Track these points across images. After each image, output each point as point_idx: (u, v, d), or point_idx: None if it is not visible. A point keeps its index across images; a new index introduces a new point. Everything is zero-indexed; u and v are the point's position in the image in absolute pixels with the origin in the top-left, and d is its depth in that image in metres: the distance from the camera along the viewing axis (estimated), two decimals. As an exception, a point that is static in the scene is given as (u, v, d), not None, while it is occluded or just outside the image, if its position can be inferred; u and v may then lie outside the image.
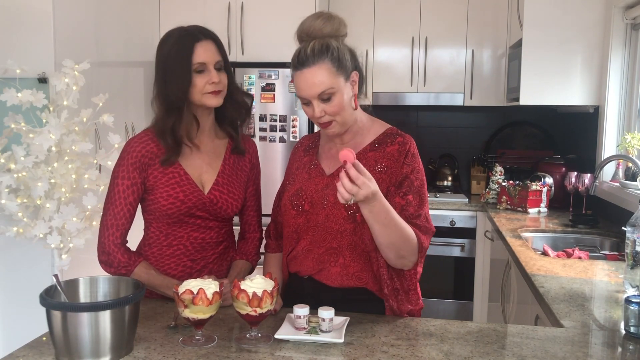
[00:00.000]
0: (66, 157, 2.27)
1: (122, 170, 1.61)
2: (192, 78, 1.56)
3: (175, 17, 3.45)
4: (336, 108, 1.47)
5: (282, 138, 3.43)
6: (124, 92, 3.04)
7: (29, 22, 2.37)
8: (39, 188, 2.21)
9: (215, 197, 1.65)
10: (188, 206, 1.62)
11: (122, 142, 1.67)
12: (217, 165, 1.69)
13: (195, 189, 1.63)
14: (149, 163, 1.61)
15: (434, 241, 3.53)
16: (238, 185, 1.71)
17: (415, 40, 3.77)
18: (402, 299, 1.54)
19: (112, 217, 1.60)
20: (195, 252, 1.68)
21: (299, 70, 1.48)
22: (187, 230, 1.66)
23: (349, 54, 1.52)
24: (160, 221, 1.65)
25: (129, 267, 1.59)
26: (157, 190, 1.61)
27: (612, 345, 1.40)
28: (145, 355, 1.26)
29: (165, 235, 1.66)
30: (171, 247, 1.66)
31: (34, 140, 2.20)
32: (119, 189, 1.60)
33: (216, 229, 1.70)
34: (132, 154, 1.60)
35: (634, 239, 1.73)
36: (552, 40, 3.15)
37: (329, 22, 1.51)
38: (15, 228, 2.27)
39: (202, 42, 1.57)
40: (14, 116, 2.25)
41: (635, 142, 2.71)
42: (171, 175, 1.62)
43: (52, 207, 2.24)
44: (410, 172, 1.51)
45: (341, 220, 1.51)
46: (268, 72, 3.39)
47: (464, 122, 4.15)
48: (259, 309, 1.30)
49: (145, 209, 1.68)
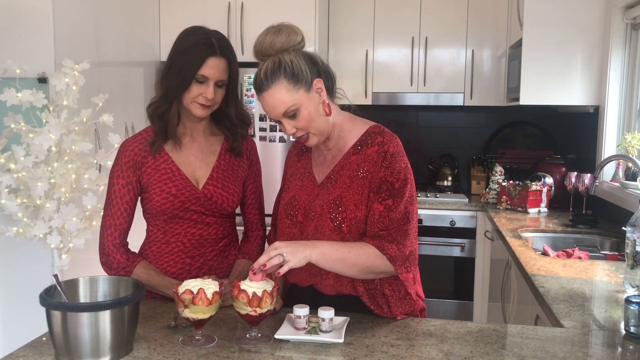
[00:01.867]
0: (66, 157, 2.27)
1: (117, 170, 1.63)
2: (191, 85, 1.57)
3: (175, 17, 3.45)
4: (304, 122, 1.45)
5: (281, 138, 3.43)
6: (124, 92, 3.03)
7: (29, 22, 2.37)
8: (39, 188, 2.21)
9: (209, 191, 1.65)
10: (181, 200, 1.62)
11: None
12: (211, 162, 1.69)
13: (187, 183, 1.64)
14: (142, 162, 1.63)
15: (434, 241, 3.53)
16: (234, 180, 1.71)
17: (415, 40, 3.77)
18: (396, 304, 1.52)
19: (110, 217, 1.62)
20: (193, 248, 1.68)
21: (259, 95, 1.46)
22: (184, 226, 1.66)
23: (306, 64, 1.45)
24: (157, 218, 1.66)
25: (127, 268, 1.60)
26: (151, 187, 1.62)
27: (612, 345, 1.40)
28: (145, 355, 1.26)
29: (163, 232, 1.67)
30: (169, 244, 1.67)
31: (34, 140, 2.20)
32: (114, 188, 1.62)
33: (215, 226, 1.70)
34: (125, 154, 1.63)
35: (634, 239, 1.73)
36: (552, 40, 3.15)
37: (277, 35, 1.45)
38: (15, 228, 2.27)
39: (215, 58, 1.57)
40: (14, 116, 2.25)
41: (635, 142, 2.71)
42: (163, 171, 1.63)
43: (52, 207, 2.24)
44: (389, 174, 1.46)
45: (328, 232, 1.48)
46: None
47: (464, 122, 4.15)
48: (259, 309, 1.30)
49: (143, 209, 1.69)
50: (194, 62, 1.56)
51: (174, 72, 1.57)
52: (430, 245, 3.55)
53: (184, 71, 1.56)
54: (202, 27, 1.64)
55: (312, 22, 3.41)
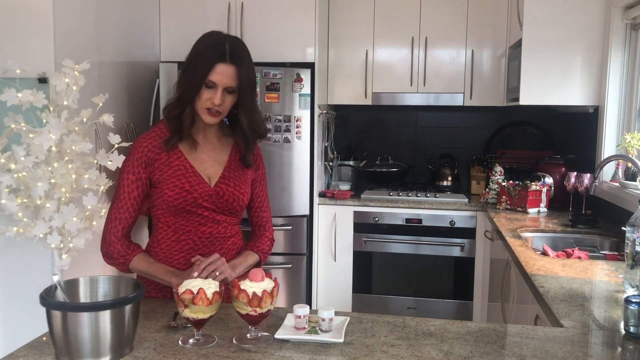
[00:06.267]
0: (66, 157, 2.27)
1: (128, 165, 1.66)
2: (201, 89, 1.60)
3: (175, 17, 3.45)
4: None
5: (286, 139, 3.42)
6: (124, 92, 3.04)
7: (29, 22, 2.37)
8: (39, 188, 2.21)
9: (221, 189, 1.69)
10: (194, 196, 1.65)
11: (122, 142, 1.69)
12: (223, 161, 1.73)
13: (201, 180, 1.67)
14: (155, 158, 1.66)
15: (434, 241, 3.54)
16: (244, 180, 1.75)
17: (415, 40, 3.77)
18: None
19: (116, 211, 1.66)
20: (203, 246, 1.70)
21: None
22: (195, 224, 1.68)
23: None
24: (167, 215, 1.68)
25: (127, 257, 1.63)
26: (163, 182, 1.65)
27: (612, 345, 1.40)
28: (145, 355, 1.26)
29: (174, 230, 1.69)
30: (179, 242, 1.69)
31: (34, 140, 2.19)
32: (124, 183, 1.66)
33: (224, 224, 1.73)
34: (138, 149, 1.67)
35: (633, 239, 1.73)
36: (552, 40, 3.15)
37: None
38: (15, 228, 2.27)
39: (224, 64, 1.59)
40: (14, 116, 2.25)
41: (635, 142, 2.72)
42: (176, 167, 1.66)
43: (52, 207, 2.24)
44: None
45: None
46: (274, 71, 3.36)
47: (464, 122, 4.15)
48: (259, 309, 1.30)
49: (153, 205, 1.71)
50: (203, 67, 1.59)
51: (188, 76, 1.62)
52: (430, 245, 3.55)
53: (194, 76, 1.61)
54: (220, 32, 1.68)
55: (312, 22, 3.41)
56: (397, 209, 3.57)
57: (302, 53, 3.44)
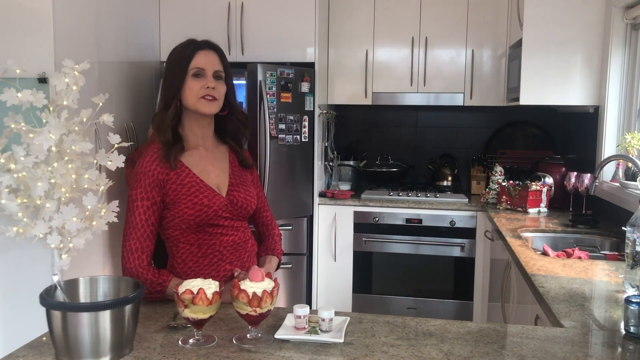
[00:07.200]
0: (66, 157, 2.27)
1: (140, 192, 1.62)
2: (187, 80, 1.61)
3: (175, 17, 3.45)
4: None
5: (295, 139, 3.42)
6: (124, 92, 3.03)
7: (29, 22, 2.37)
8: (39, 188, 2.20)
9: (234, 197, 1.70)
10: (214, 210, 1.65)
11: (122, 142, 1.68)
12: (225, 168, 1.75)
13: (215, 193, 1.67)
14: (165, 179, 1.64)
15: (434, 241, 3.53)
16: (249, 183, 1.79)
17: (415, 40, 3.76)
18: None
19: (135, 241, 1.60)
20: (230, 255, 1.71)
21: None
22: (217, 235, 1.69)
23: None
24: (188, 233, 1.66)
25: (163, 284, 1.58)
26: (179, 202, 1.62)
27: (612, 345, 1.40)
28: (145, 355, 1.26)
29: (198, 246, 1.68)
30: (207, 256, 1.68)
31: (34, 140, 2.19)
32: (139, 211, 1.61)
33: (242, 229, 1.75)
34: (148, 174, 1.62)
35: (634, 239, 1.73)
36: (552, 40, 3.15)
37: None
38: (15, 228, 2.27)
39: (205, 50, 1.64)
40: (14, 116, 2.25)
41: (635, 142, 2.71)
42: (190, 185, 1.64)
43: (52, 207, 2.24)
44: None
45: None
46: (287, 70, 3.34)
47: (464, 122, 4.15)
48: (259, 309, 1.30)
49: (168, 226, 1.67)
50: (184, 58, 1.62)
51: (168, 79, 1.64)
52: (430, 245, 3.54)
53: (177, 68, 1.62)
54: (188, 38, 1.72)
55: (312, 22, 3.41)
56: (397, 209, 3.57)
57: (302, 53, 3.43)
